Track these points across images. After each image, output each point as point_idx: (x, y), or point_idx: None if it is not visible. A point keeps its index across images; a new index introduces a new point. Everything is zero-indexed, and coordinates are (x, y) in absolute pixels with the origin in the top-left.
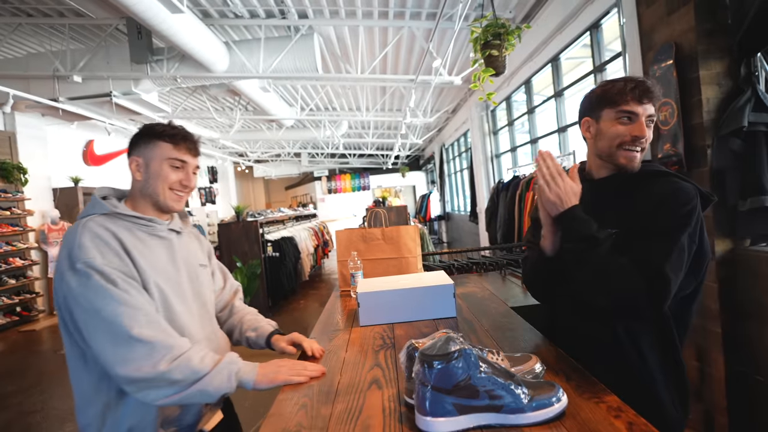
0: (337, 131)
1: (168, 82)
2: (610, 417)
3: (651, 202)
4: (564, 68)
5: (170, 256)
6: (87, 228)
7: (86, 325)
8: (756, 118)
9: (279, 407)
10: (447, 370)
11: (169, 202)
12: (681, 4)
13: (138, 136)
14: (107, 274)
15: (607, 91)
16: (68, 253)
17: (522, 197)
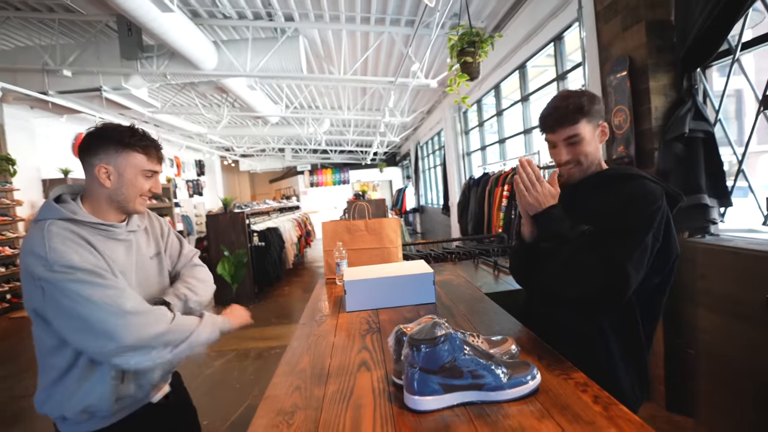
0: (320, 128)
1: (158, 78)
2: (578, 392)
3: (620, 201)
4: (530, 75)
5: (130, 257)
6: (52, 232)
7: (74, 315)
8: (695, 126)
9: (274, 389)
10: (434, 352)
11: (138, 207)
12: (634, 22)
13: (101, 139)
14: (89, 269)
15: (538, 121)
16: (41, 258)
17: (491, 192)
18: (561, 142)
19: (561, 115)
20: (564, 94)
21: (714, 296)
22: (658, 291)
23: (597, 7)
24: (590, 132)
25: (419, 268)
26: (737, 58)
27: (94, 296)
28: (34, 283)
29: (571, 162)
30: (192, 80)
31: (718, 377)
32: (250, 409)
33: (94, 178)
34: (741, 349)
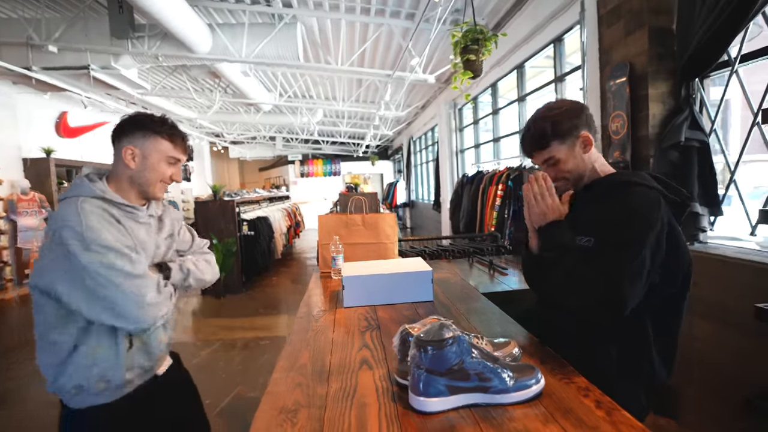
0: (313, 118)
1: (149, 59)
2: (580, 396)
3: (616, 212)
4: (527, 75)
5: (147, 237)
6: (86, 210)
7: (99, 296)
8: (691, 135)
9: (275, 386)
10: (442, 354)
11: (157, 193)
12: (637, 28)
13: (132, 125)
14: (119, 251)
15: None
16: (78, 235)
17: (485, 191)
18: (542, 165)
19: (531, 141)
20: (533, 116)
21: (704, 303)
22: (674, 302)
23: (600, 11)
24: (565, 151)
25: (418, 266)
26: (735, 69)
27: (123, 285)
28: (62, 256)
29: (556, 179)
30: (185, 63)
31: (707, 384)
32: (238, 398)
33: (120, 159)
34: (730, 357)
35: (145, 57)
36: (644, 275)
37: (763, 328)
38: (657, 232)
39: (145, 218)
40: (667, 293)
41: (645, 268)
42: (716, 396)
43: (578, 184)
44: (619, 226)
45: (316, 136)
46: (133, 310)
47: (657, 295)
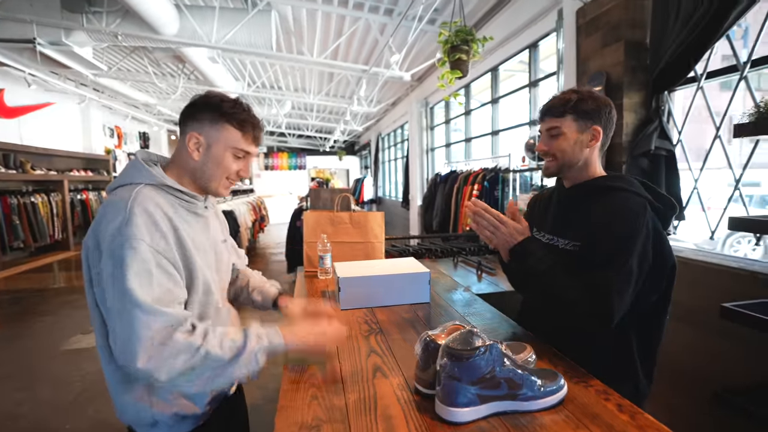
0: (281, 110)
1: (107, 37)
2: (601, 400)
3: (603, 218)
4: (500, 77)
5: (205, 234)
6: (139, 202)
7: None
8: (660, 144)
9: (289, 399)
10: (474, 363)
11: (220, 190)
12: (614, 40)
13: (200, 108)
14: (147, 264)
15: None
16: (117, 227)
17: (460, 191)
18: (545, 132)
19: (550, 106)
20: (565, 90)
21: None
22: (657, 308)
23: (579, 21)
24: (574, 130)
25: (414, 267)
26: (701, 86)
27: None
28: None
29: (547, 154)
30: (148, 45)
31: (675, 381)
32: None
33: (183, 147)
34: (697, 355)
35: (103, 35)
36: (632, 285)
37: (728, 326)
38: (643, 240)
39: (202, 210)
40: (651, 299)
41: (633, 278)
42: (685, 392)
43: (563, 171)
44: (605, 235)
45: (283, 128)
46: (127, 356)
47: (642, 301)
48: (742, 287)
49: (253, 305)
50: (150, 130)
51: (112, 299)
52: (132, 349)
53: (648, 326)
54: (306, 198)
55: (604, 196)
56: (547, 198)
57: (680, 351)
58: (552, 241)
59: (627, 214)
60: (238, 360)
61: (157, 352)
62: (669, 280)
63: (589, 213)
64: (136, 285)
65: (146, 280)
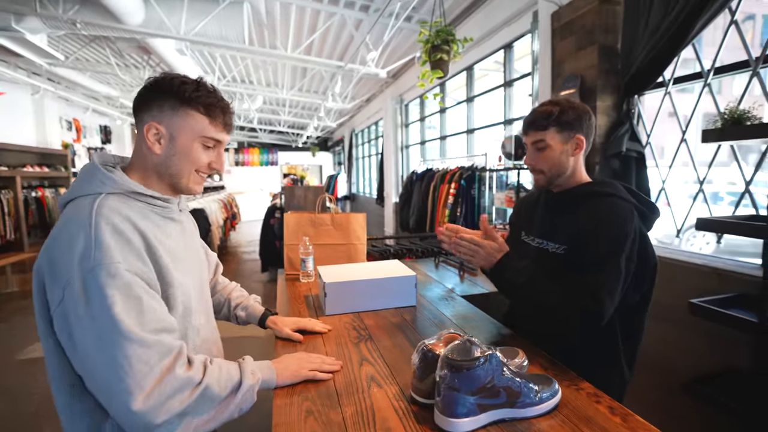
0: (253, 105)
1: (64, 25)
2: (593, 403)
3: (592, 222)
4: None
5: (183, 241)
6: (104, 216)
7: (89, 349)
8: (630, 146)
9: (282, 416)
10: (474, 374)
11: (191, 186)
12: (588, 44)
13: (157, 93)
14: (130, 290)
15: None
16: (82, 252)
17: (437, 189)
18: (530, 146)
19: (532, 120)
20: (544, 102)
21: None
22: (638, 307)
23: (554, 24)
24: (558, 141)
25: (400, 270)
26: (668, 91)
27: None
28: (57, 283)
29: (535, 168)
30: (110, 34)
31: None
32: None
33: (142, 141)
34: (666, 349)
35: (59, 22)
36: (620, 285)
37: (696, 321)
38: (630, 242)
39: (177, 214)
40: (635, 298)
41: (621, 277)
42: (658, 385)
43: (552, 182)
44: (595, 238)
45: (255, 123)
46: (121, 397)
47: (626, 301)
48: (706, 283)
49: (235, 321)
50: (112, 124)
51: (88, 339)
52: (124, 389)
53: (631, 321)
54: (279, 195)
55: (592, 201)
56: (533, 200)
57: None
58: (542, 245)
59: (615, 219)
60: (236, 397)
61: (156, 390)
62: (651, 279)
63: (579, 218)
64: (123, 315)
65: (133, 307)
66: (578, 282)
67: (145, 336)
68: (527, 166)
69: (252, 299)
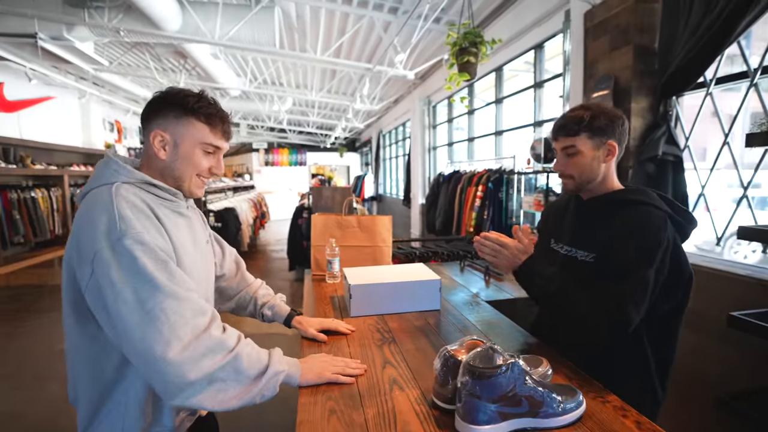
0: (282, 107)
1: (109, 33)
2: (619, 416)
3: (624, 231)
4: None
5: (191, 236)
6: (121, 196)
7: (125, 308)
8: (667, 149)
9: (306, 413)
10: (495, 382)
11: (193, 189)
12: (623, 44)
13: (162, 104)
14: (157, 254)
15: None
16: (107, 226)
17: (464, 191)
18: (560, 151)
19: (563, 124)
20: (576, 107)
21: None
22: (670, 317)
23: (587, 24)
24: (589, 147)
25: (425, 274)
26: (710, 91)
27: (151, 304)
28: (85, 261)
29: (564, 174)
30: (150, 41)
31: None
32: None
33: (150, 147)
34: (702, 362)
35: (105, 30)
36: (648, 296)
37: (734, 335)
38: (662, 253)
39: (185, 209)
40: (664, 309)
41: (649, 290)
42: (689, 398)
43: (582, 188)
44: (626, 247)
45: (284, 125)
46: (157, 348)
47: (654, 310)
48: (749, 295)
49: (261, 319)
50: None
51: (123, 300)
52: (162, 339)
53: (663, 335)
54: (307, 195)
55: (624, 210)
56: (563, 207)
57: (684, 357)
58: (571, 252)
59: (648, 227)
60: (260, 381)
61: (192, 344)
62: (685, 291)
63: (609, 226)
64: (156, 272)
65: (163, 268)
66: (605, 291)
67: (177, 290)
68: (556, 171)
69: (278, 298)
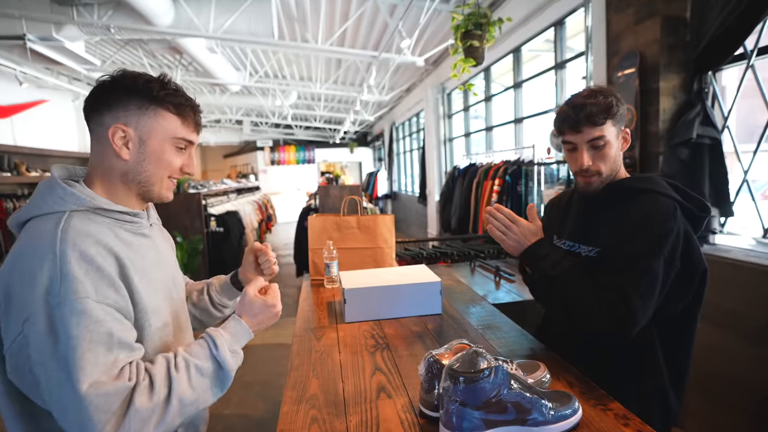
0: (286, 101)
1: (99, 30)
2: (620, 425)
3: (630, 222)
4: (523, 59)
5: (156, 258)
6: (70, 243)
7: (53, 391)
8: (702, 131)
9: (288, 422)
10: (478, 387)
11: (163, 192)
12: (648, 16)
13: (120, 91)
14: (99, 321)
15: (555, 118)
16: (46, 287)
17: (480, 186)
18: (584, 145)
19: (589, 113)
20: (591, 92)
21: (712, 309)
22: (684, 316)
23: None
24: (614, 137)
25: (424, 276)
26: (752, 63)
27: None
28: (14, 319)
29: (591, 169)
30: (142, 37)
31: (711, 392)
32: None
33: (106, 146)
34: (739, 366)
35: (95, 28)
36: (656, 290)
37: None
38: (672, 243)
39: (148, 228)
40: (678, 307)
41: (658, 283)
42: (721, 405)
43: (604, 182)
44: (632, 238)
45: (289, 120)
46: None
47: (668, 309)
48: None
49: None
50: None
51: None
52: (94, 422)
53: (675, 336)
54: (315, 195)
55: (630, 199)
56: (564, 203)
57: (722, 360)
58: (573, 248)
59: (656, 216)
60: (218, 379)
61: (129, 421)
62: (699, 287)
63: (615, 217)
64: (89, 362)
65: (102, 346)
66: (610, 284)
67: (108, 383)
68: (578, 169)
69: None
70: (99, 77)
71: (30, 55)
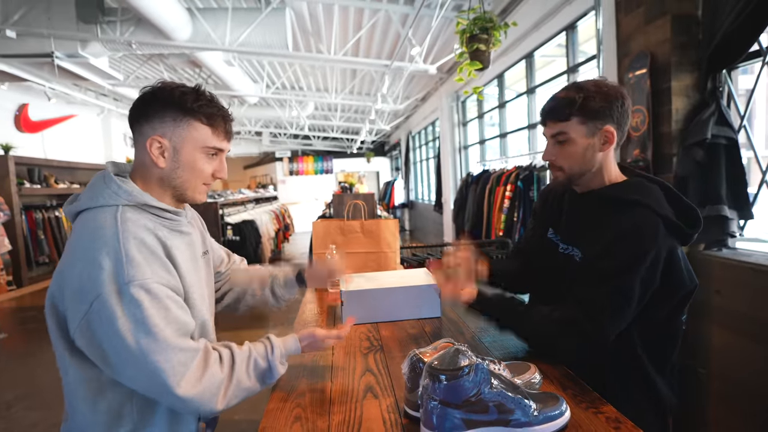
0: (303, 112)
1: (121, 46)
2: (611, 428)
3: (613, 234)
4: (536, 65)
5: (192, 254)
6: (127, 229)
7: (123, 361)
8: (718, 131)
9: (271, 420)
10: (457, 384)
11: (197, 196)
12: (659, 15)
13: (157, 105)
14: (162, 302)
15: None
16: (113, 268)
17: (492, 192)
18: (549, 139)
19: (552, 107)
20: (568, 86)
21: (730, 314)
22: (667, 322)
23: None
24: (582, 134)
25: (423, 279)
26: (767, 61)
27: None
28: (82, 299)
29: (553, 164)
30: (162, 51)
31: (729, 400)
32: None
33: (145, 154)
34: (758, 372)
35: (117, 44)
36: (630, 307)
37: None
38: (650, 262)
39: (186, 226)
40: (656, 314)
41: (632, 301)
42: (740, 413)
43: (573, 181)
44: (610, 251)
45: (306, 131)
46: (169, 390)
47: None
48: None
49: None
50: None
51: (126, 349)
52: (169, 383)
53: (659, 337)
54: (329, 205)
55: (616, 210)
56: (560, 192)
57: (740, 366)
58: (567, 251)
59: (636, 233)
60: (265, 377)
61: (199, 384)
62: (680, 302)
63: (599, 226)
64: (162, 324)
65: (165, 317)
66: (584, 297)
67: (179, 342)
68: (544, 161)
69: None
70: (142, 88)
71: (58, 72)
